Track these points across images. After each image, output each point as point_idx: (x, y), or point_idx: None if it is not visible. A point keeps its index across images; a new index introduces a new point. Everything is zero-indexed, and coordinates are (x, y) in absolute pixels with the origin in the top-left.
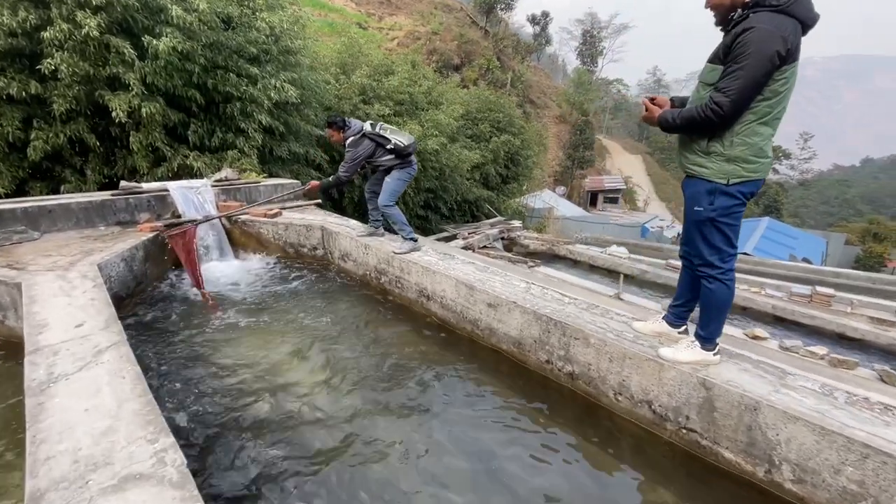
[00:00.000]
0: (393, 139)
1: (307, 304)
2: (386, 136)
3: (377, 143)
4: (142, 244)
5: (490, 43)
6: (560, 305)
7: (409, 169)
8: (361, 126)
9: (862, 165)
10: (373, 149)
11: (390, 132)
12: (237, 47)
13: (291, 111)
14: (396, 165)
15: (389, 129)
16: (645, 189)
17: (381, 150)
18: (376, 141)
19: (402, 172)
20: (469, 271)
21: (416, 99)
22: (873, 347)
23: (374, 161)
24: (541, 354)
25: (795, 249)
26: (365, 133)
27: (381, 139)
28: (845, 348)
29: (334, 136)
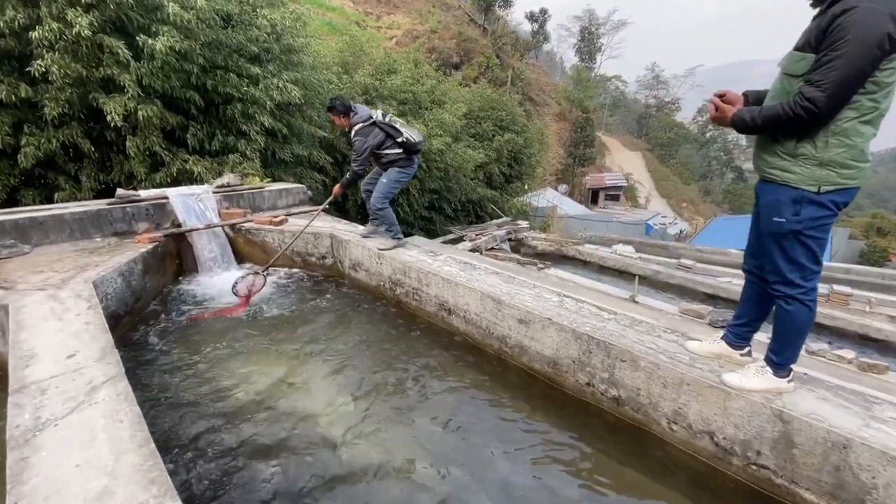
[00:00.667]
0: (405, 133)
1: (317, 318)
2: (398, 127)
3: (388, 133)
4: (140, 257)
5: (489, 41)
6: (600, 322)
7: (409, 168)
8: (370, 113)
9: None
10: (382, 139)
11: (401, 125)
12: (237, 46)
13: (294, 112)
14: (399, 161)
15: (400, 122)
16: (646, 186)
17: (390, 141)
18: (387, 131)
19: (400, 172)
20: (494, 283)
21: (420, 98)
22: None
23: (380, 152)
24: (580, 376)
25: None
26: (375, 121)
27: (392, 130)
28: (870, 350)
29: (337, 120)
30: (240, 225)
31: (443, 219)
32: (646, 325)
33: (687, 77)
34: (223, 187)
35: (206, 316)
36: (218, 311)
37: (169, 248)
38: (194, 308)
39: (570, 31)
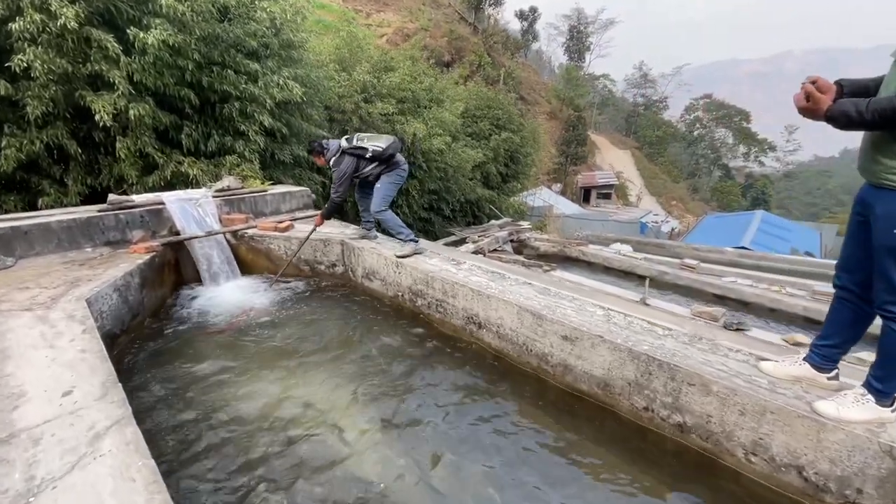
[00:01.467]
0: (370, 146)
1: (330, 333)
2: (362, 145)
3: (357, 156)
4: (137, 269)
5: (480, 39)
6: (655, 339)
7: (398, 171)
8: (338, 144)
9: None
10: (355, 163)
11: (367, 140)
12: (235, 41)
13: (293, 111)
14: (383, 171)
15: (366, 138)
16: (636, 184)
17: (363, 161)
18: (356, 154)
19: (390, 176)
20: (529, 294)
21: (418, 96)
22: None
23: (361, 174)
24: (636, 400)
25: (791, 242)
26: (343, 150)
27: (358, 150)
28: None
29: (319, 160)
30: (242, 231)
31: (441, 220)
32: (707, 343)
33: (674, 76)
34: (223, 191)
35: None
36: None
37: (167, 258)
38: (197, 323)
39: (559, 30)
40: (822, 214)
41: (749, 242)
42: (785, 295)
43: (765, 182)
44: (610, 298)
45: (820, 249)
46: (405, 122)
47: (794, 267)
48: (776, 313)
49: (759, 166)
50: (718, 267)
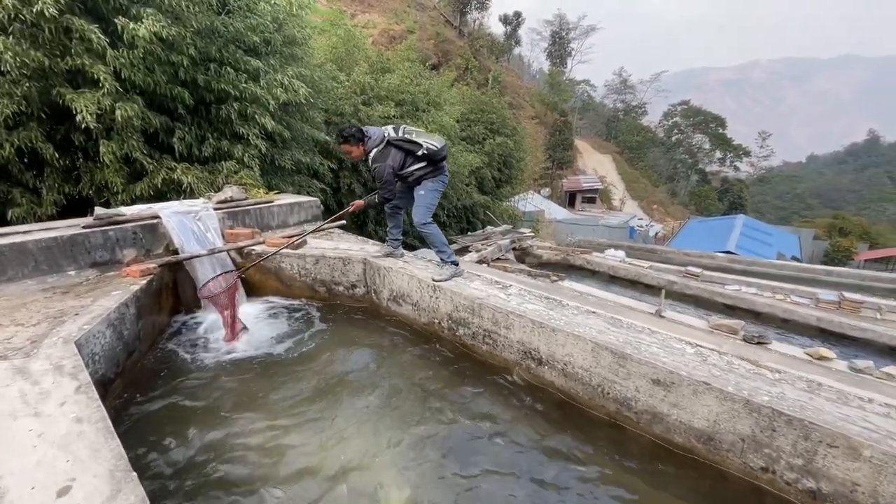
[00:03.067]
0: (424, 143)
1: (355, 370)
2: (414, 139)
3: (405, 150)
4: (133, 297)
5: (466, 42)
6: (769, 385)
7: (442, 177)
8: (383, 133)
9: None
10: (402, 158)
11: (416, 135)
12: (235, 35)
13: (294, 113)
14: (427, 175)
15: (414, 132)
16: (619, 188)
17: (410, 158)
18: (404, 148)
19: (434, 182)
20: (599, 327)
21: (417, 99)
22: None
23: (402, 172)
24: (752, 459)
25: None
26: (389, 140)
27: (409, 145)
28: None
29: (353, 151)
30: (249, 248)
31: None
32: (833, 392)
33: (652, 82)
34: (225, 202)
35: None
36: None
37: (165, 281)
38: (201, 360)
39: (541, 35)
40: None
41: (734, 247)
42: (797, 305)
43: (741, 186)
44: (680, 328)
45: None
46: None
47: (784, 272)
48: (789, 324)
49: (734, 171)
50: (719, 274)
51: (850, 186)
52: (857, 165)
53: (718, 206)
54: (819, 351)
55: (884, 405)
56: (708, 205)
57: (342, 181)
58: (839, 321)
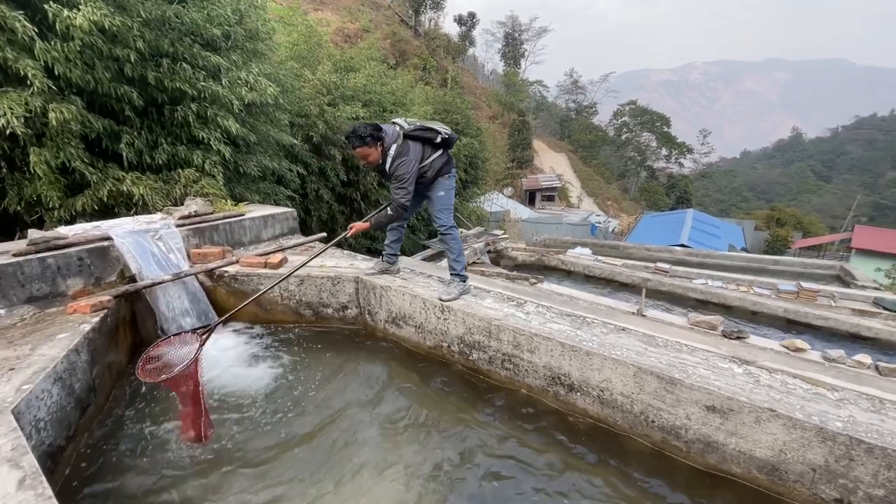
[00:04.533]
0: (440, 129)
1: (352, 409)
2: (430, 126)
3: (423, 139)
4: (84, 340)
5: (422, 42)
6: (833, 407)
7: (453, 171)
8: (395, 128)
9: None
10: (421, 150)
11: (430, 123)
12: (190, 27)
13: (259, 114)
14: (444, 168)
15: (417, 121)
16: (576, 186)
17: (428, 147)
18: (422, 138)
19: (450, 179)
20: (637, 347)
21: (384, 99)
22: (889, 346)
23: (422, 165)
24: (824, 490)
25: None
26: (405, 133)
27: (427, 132)
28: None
29: (372, 154)
30: (220, 270)
31: (408, 231)
32: (894, 404)
33: (601, 83)
34: (189, 217)
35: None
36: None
37: (121, 315)
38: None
39: (495, 37)
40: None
41: (687, 240)
42: (764, 297)
43: (686, 182)
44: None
45: (745, 243)
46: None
47: (736, 263)
48: (758, 316)
49: (679, 167)
50: (683, 269)
51: (779, 179)
52: (783, 160)
53: (666, 200)
54: (794, 343)
55: None
56: (657, 200)
57: (309, 187)
58: (805, 311)
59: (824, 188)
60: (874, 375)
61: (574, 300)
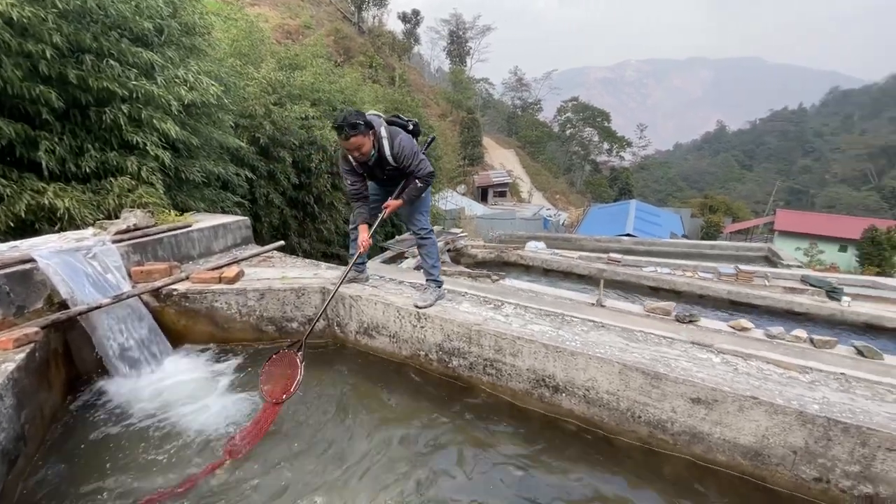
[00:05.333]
0: (407, 119)
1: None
2: (400, 116)
3: (400, 125)
4: (7, 381)
5: (367, 40)
6: (806, 390)
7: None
8: (375, 117)
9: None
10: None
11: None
12: (117, 20)
13: (201, 116)
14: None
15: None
16: (526, 181)
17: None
18: (399, 124)
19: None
20: (619, 343)
21: (333, 98)
22: (817, 319)
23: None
24: (805, 470)
25: (663, 226)
26: (386, 122)
27: (400, 120)
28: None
29: (366, 143)
30: (168, 288)
31: None
32: (864, 386)
33: (545, 80)
34: (128, 232)
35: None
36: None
37: (52, 347)
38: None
39: (440, 34)
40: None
41: (632, 229)
42: (708, 281)
43: (627, 174)
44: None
45: (684, 230)
46: (324, 126)
47: (679, 249)
48: (704, 299)
49: (620, 160)
50: (633, 258)
51: (708, 169)
52: (711, 151)
53: (610, 192)
54: (740, 322)
55: None
56: (601, 192)
57: (258, 192)
58: (746, 292)
59: (747, 176)
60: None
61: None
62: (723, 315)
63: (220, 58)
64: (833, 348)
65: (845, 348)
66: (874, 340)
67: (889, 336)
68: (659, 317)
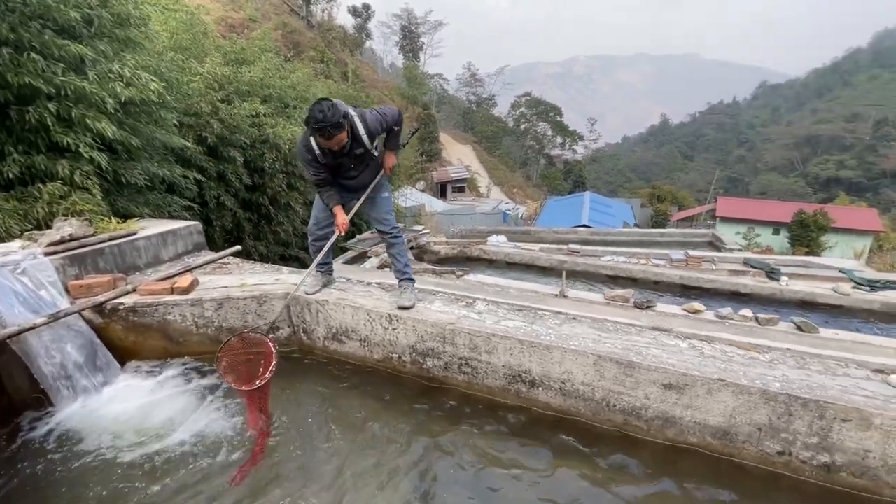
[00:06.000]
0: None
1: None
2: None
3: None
4: None
5: (318, 34)
6: (767, 368)
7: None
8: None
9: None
10: None
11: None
12: (38, 9)
13: (140, 114)
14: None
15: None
16: (483, 176)
17: None
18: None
19: (386, 180)
20: (591, 335)
21: (284, 95)
22: (760, 298)
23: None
24: (769, 445)
25: (616, 216)
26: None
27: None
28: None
29: (344, 134)
30: (113, 303)
31: None
32: (817, 362)
33: (498, 75)
34: (62, 243)
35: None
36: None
37: None
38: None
39: (391, 29)
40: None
41: (588, 220)
42: (661, 268)
43: (580, 167)
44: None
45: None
46: (277, 124)
47: (632, 238)
48: (659, 285)
49: (573, 154)
50: (590, 248)
51: (655, 160)
52: (656, 143)
53: (565, 185)
54: (693, 306)
55: (862, 369)
56: (556, 185)
57: (208, 194)
58: (696, 276)
59: (690, 166)
60: (756, 326)
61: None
62: (677, 299)
63: (159, 52)
64: (776, 325)
65: (786, 324)
66: (809, 315)
67: (821, 311)
68: (619, 304)
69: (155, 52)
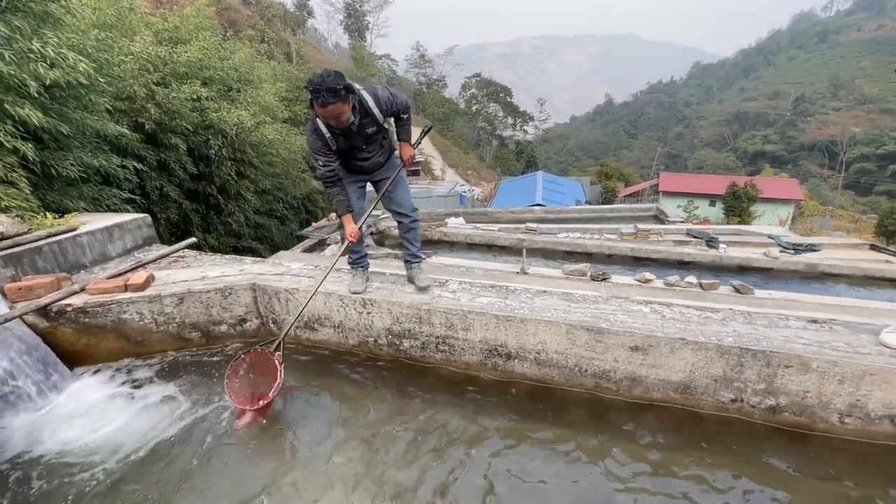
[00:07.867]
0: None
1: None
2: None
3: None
4: None
5: (255, 12)
6: (720, 326)
7: None
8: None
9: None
10: None
11: None
12: None
13: (68, 99)
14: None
15: None
16: (437, 158)
17: None
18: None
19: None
20: (562, 306)
21: (226, 76)
22: (702, 265)
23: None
24: (723, 394)
25: (567, 194)
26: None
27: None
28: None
29: (346, 112)
30: (59, 304)
31: (276, 222)
32: (763, 318)
33: (447, 56)
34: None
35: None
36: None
37: None
38: None
39: (335, 7)
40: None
41: (541, 199)
42: (613, 241)
43: (531, 147)
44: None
45: (586, 197)
46: (221, 108)
47: (584, 215)
48: (612, 258)
49: (524, 134)
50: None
51: (601, 139)
52: (602, 122)
53: (517, 165)
54: (644, 276)
55: (798, 318)
56: (510, 165)
57: (149, 185)
58: (645, 248)
59: (633, 144)
60: (701, 291)
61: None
62: (629, 270)
63: (83, 29)
64: (717, 289)
65: (726, 288)
66: (744, 279)
67: (754, 274)
68: (577, 278)
69: (79, 29)
